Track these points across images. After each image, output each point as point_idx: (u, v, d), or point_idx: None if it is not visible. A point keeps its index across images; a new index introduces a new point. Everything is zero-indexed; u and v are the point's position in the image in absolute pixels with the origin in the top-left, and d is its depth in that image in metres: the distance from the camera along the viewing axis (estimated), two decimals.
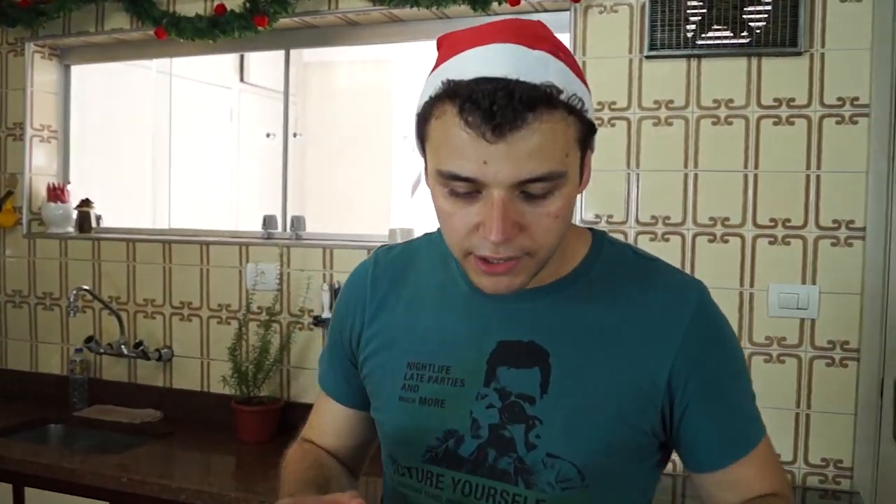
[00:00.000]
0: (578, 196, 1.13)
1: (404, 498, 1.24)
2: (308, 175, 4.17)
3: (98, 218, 3.74)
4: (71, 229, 3.69)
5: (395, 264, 1.33)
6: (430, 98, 1.04)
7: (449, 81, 1.01)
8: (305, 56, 4.67)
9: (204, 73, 4.87)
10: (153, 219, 4.45)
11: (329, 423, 1.42)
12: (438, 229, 1.27)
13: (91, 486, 2.69)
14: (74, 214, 3.69)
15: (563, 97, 1.00)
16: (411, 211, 6.04)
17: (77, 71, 3.86)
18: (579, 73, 1.07)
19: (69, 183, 3.77)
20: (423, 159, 1.11)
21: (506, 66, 0.99)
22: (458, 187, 1.03)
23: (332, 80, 5.34)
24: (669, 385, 1.15)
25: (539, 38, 1.04)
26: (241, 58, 4.98)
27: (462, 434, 1.18)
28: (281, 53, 3.48)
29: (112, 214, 3.82)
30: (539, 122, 0.98)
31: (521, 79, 0.98)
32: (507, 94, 0.96)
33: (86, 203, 3.67)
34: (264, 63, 5.01)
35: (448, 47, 1.07)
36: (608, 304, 1.18)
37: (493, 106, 0.96)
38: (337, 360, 1.38)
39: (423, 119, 1.07)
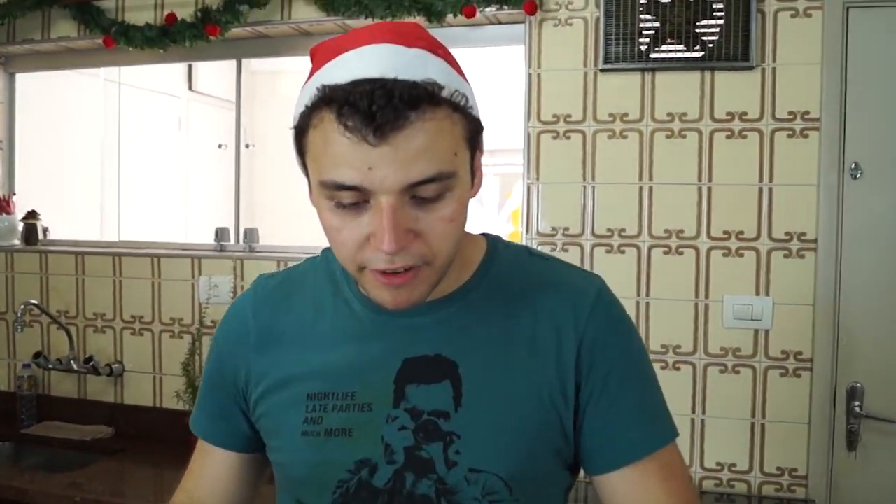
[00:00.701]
0: (535, 208, 1.11)
1: None
2: (257, 186, 4.13)
3: (45, 230, 3.67)
4: (17, 242, 3.62)
5: (279, 292, 1.25)
6: (306, 107, 0.99)
7: (324, 87, 0.96)
8: (254, 64, 4.63)
9: (152, 81, 4.80)
10: (101, 230, 4.38)
11: (204, 473, 1.31)
12: (323, 251, 1.24)
13: None
14: (20, 227, 3.61)
15: (445, 94, 0.97)
16: None
17: (22, 79, 3.78)
18: (460, 71, 1.04)
19: (14, 194, 3.69)
20: (305, 175, 1.06)
21: (382, 65, 0.95)
22: (343, 198, 0.98)
23: (280, 88, 5.30)
24: (577, 377, 1.13)
25: (416, 37, 1.01)
26: (190, 66, 4.92)
27: (375, 462, 1.11)
28: (230, 62, 3.45)
29: (59, 226, 3.75)
30: (423, 121, 0.95)
31: (400, 77, 0.94)
32: (385, 94, 0.92)
33: (32, 215, 3.60)
34: (213, 71, 4.96)
35: (322, 55, 1.03)
36: (510, 306, 1.15)
37: (372, 107, 0.92)
38: (217, 403, 1.28)
39: (301, 131, 1.02)
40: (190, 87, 5.11)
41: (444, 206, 1.00)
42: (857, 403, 2.62)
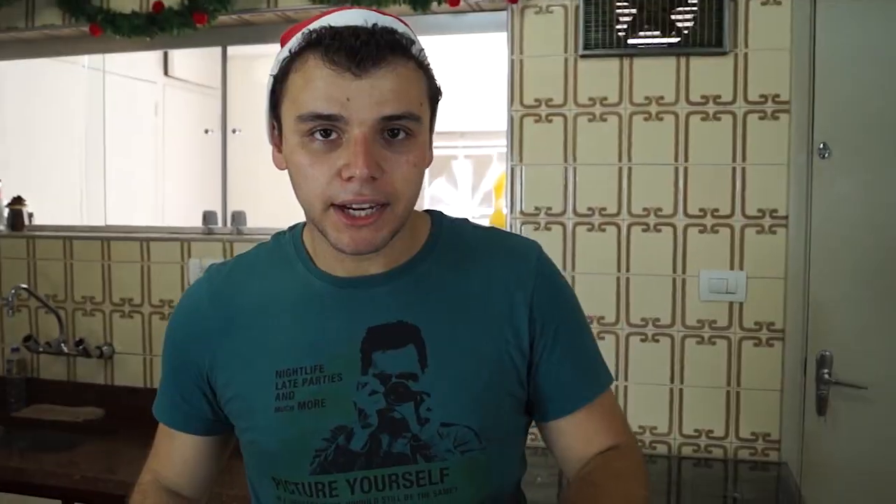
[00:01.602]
0: (518, 189, 1.21)
1: None
2: (233, 169, 4.19)
3: (30, 216, 3.70)
4: (2, 227, 3.65)
5: (233, 278, 1.30)
6: (290, 52, 1.10)
7: (310, 31, 1.08)
8: (229, 50, 4.67)
9: (128, 67, 4.82)
10: (81, 215, 4.41)
11: (173, 456, 1.38)
12: (274, 236, 1.32)
13: (42, 485, 2.69)
14: (6, 212, 3.64)
15: (414, 50, 1.11)
16: None
17: (2, 66, 3.81)
18: (422, 50, 1.17)
19: None
20: (275, 129, 1.17)
21: (364, 17, 1.09)
22: (318, 127, 1.07)
23: (255, 74, 5.33)
24: (530, 333, 1.23)
25: (386, 13, 1.15)
26: (165, 52, 4.94)
27: (350, 427, 1.17)
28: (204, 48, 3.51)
29: (42, 212, 3.78)
30: (397, 65, 1.07)
31: (380, 24, 1.09)
32: (369, 33, 1.06)
33: (18, 201, 3.63)
34: (189, 57, 4.99)
35: (297, 28, 1.13)
36: (461, 273, 1.24)
37: (357, 41, 1.04)
38: (179, 391, 1.32)
39: (280, 78, 1.12)
40: (166, 73, 5.14)
41: (409, 149, 1.10)
42: (826, 371, 2.76)
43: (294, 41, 1.10)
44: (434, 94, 1.16)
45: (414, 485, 1.17)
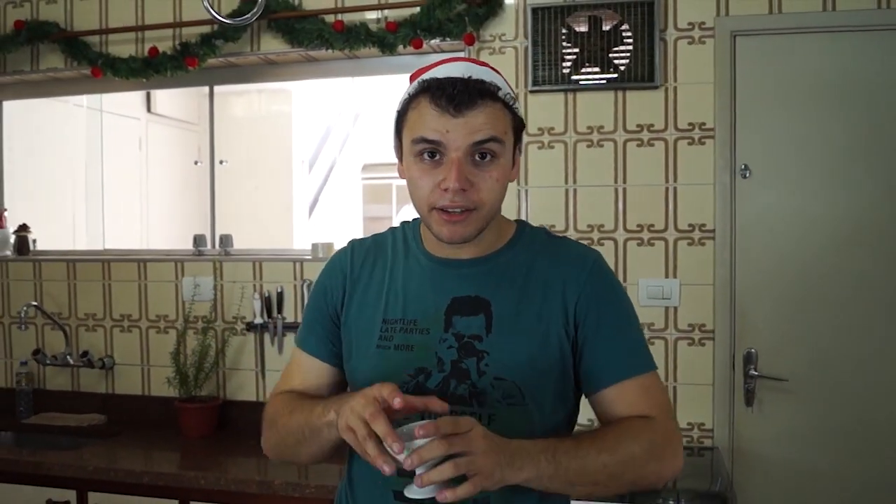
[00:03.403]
0: None
1: None
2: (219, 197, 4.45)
3: (34, 242, 3.99)
4: (9, 253, 3.94)
5: (367, 249, 1.65)
6: (409, 96, 1.45)
7: (423, 80, 1.43)
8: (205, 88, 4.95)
9: (115, 105, 5.11)
10: (73, 240, 4.68)
11: (308, 376, 1.65)
12: (401, 223, 1.68)
13: (58, 477, 2.96)
14: (13, 239, 3.94)
15: (501, 94, 1.43)
16: (310, 230, 6.35)
17: (6, 105, 4.10)
18: (511, 89, 1.49)
19: (5, 210, 4.02)
20: (398, 152, 1.51)
21: (462, 70, 1.42)
22: (426, 148, 1.40)
23: (231, 109, 5.60)
24: (576, 320, 1.50)
25: (483, 63, 1.50)
26: (148, 91, 5.24)
27: (430, 370, 1.49)
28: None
29: (43, 238, 4.07)
30: (485, 106, 1.39)
31: (474, 77, 1.41)
32: (464, 84, 1.39)
33: (23, 228, 3.93)
34: (169, 95, 5.31)
35: (419, 72, 1.48)
36: (530, 266, 1.55)
37: (455, 90, 1.38)
38: (319, 325, 1.64)
39: (401, 115, 1.47)
40: (149, 110, 5.46)
41: (493, 167, 1.42)
42: (752, 366, 3.08)
43: (412, 87, 1.45)
44: (518, 125, 1.48)
45: None
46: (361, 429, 1.25)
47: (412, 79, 1.50)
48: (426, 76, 1.45)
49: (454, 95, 1.38)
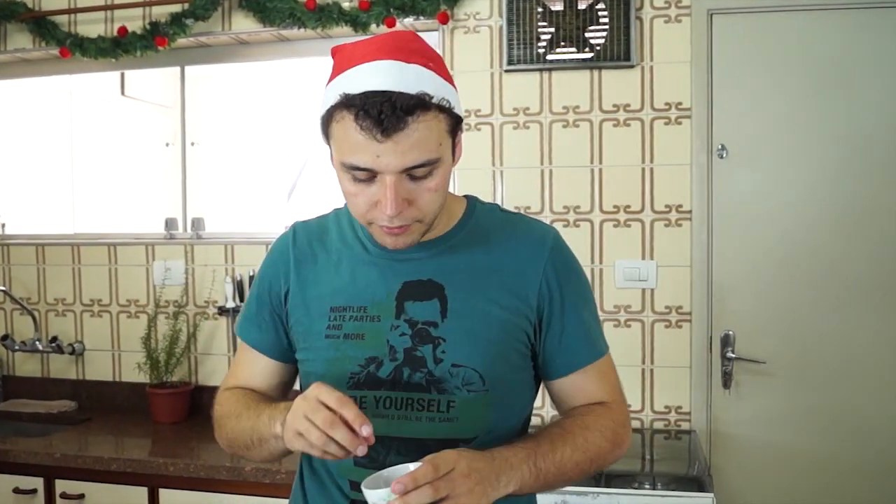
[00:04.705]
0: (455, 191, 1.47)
1: None
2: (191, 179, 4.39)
3: (2, 225, 3.94)
4: None
5: (311, 232, 1.59)
6: (331, 106, 1.30)
7: (345, 95, 1.27)
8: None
9: (89, 87, 5.05)
10: (41, 224, 4.62)
11: (255, 373, 1.62)
12: (345, 205, 1.59)
13: (24, 464, 2.93)
14: None
15: (434, 101, 1.28)
16: (288, 213, 6.26)
17: None
18: (447, 76, 1.35)
19: None
20: (329, 151, 1.38)
21: (388, 80, 1.26)
22: (358, 175, 1.30)
23: (206, 90, 5.53)
24: (538, 305, 1.47)
25: (413, 52, 1.31)
26: (122, 73, 5.18)
27: (381, 359, 1.44)
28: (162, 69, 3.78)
29: (11, 222, 4.01)
30: (416, 122, 1.26)
31: (401, 90, 1.25)
32: (391, 105, 1.24)
33: None
34: (143, 77, 5.23)
35: (341, 59, 1.34)
36: (485, 248, 1.50)
37: (381, 115, 1.24)
38: (263, 316, 1.59)
39: (326, 121, 1.33)
40: (122, 93, 5.38)
41: (430, 180, 1.32)
42: (729, 349, 3.07)
43: (331, 94, 1.30)
44: (455, 124, 1.36)
45: (425, 409, 1.42)
46: (314, 431, 1.23)
47: (333, 55, 1.39)
48: (346, 88, 1.29)
49: (381, 120, 1.25)
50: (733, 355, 3.07)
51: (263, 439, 1.41)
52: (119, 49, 3.45)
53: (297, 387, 1.60)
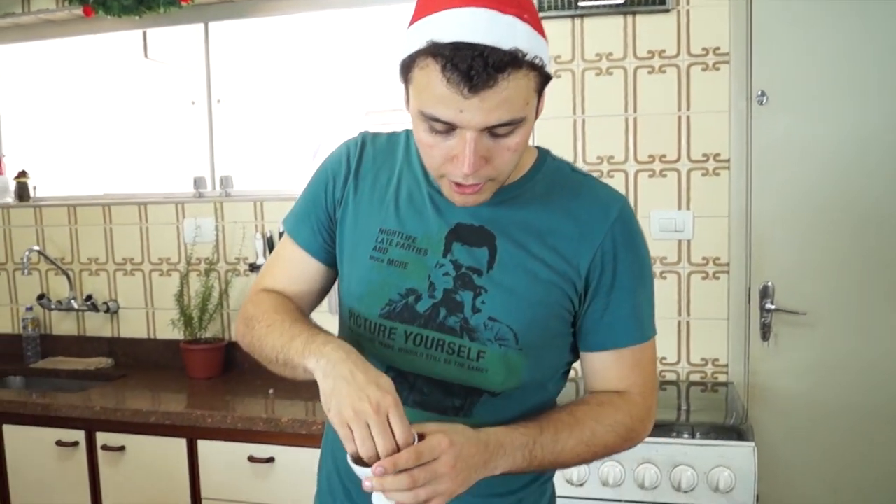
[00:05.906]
0: None
1: (358, 342, 1.43)
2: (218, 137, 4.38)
3: (34, 188, 3.95)
4: (10, 199, 3.91)
5: (379, 147, 1.52)
6: (415, 52, 1.20)
7: (433, 42, 1.17)
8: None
9: (111, 50, 5.04)
10: (72, 186, 4.63)
11: (297, 274, 1.57)
12: None
13: (65, 418, 2.98)
14: (13, 185, 3.90)
15: (527, 58, 1.17)
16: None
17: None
18: (540, 30, 1.23)
19: (4, 155, 3.97)
20: (406, 94, 1.28)
21: (480, 32, 1.15)
22: (436, 126, 1.21)
23: (229, 47, 5.51)
24: (588, 276, 1.39)
25: (509, 3, 1.19)
26: (144, 35, 5.16)
27: (420, 293, 1.39)
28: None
29: (43, 185, 4.04)
30: (506, 81, 1.15)
31: (494, 44, 1.15)
32: (482, 60, 1.14)
33: (23, 174, 3.88)
34: (165, 38, 5.23)
35: (425, 2, 1.23)
36: (545, 207, 1.41)
37: (470, 70, 1.14)
38: (313, 215, 1.54)
39: (407, 66, 1.23)
40: (146, 55, 5.38)
41: (511, 139, 1.23)
42: (768, 300, 3.00)
43: (415, 38, 1.20)
44: (543, 82, 1.25)
45: (455, 354, 1.38)
46: (362, 430, 1.18)
47: (417, 14, 1.26)
48: (434, 35, 1.18)
49: (470, 76, 1.15)
50: (772, 307, 3.00)
51: (290, 363, 1.35)
52: (142, 6, 3.41)
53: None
